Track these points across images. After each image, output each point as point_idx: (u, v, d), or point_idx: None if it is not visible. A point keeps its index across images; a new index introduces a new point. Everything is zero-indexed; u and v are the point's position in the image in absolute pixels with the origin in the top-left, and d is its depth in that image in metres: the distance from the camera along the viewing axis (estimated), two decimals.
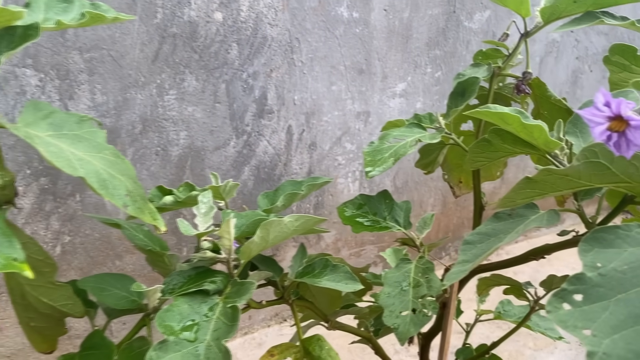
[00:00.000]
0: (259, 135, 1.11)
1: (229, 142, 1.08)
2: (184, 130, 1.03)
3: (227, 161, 1.09)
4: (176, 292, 0.46)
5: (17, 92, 0.88)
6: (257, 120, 1.10)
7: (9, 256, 0.36)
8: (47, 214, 0.95)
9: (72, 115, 0.45)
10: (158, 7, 0.94)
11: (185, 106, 1.01)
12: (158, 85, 0.98)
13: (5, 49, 0.41)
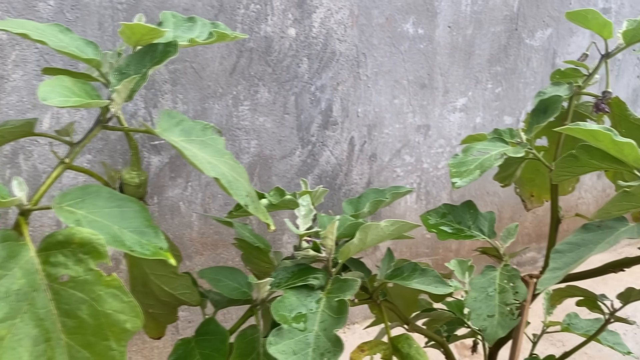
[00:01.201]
0: (322, 146, 1.16)
1: (294, 151, 1.14)
2: (254, 139, 1.09)
3: (292, 170, 1.15)
4: (282, 285, 0.52)
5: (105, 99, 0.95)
6: (321, 131, 1.15)
7: (156, 245, 0.42)
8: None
9: (197, 122, 0.51)
10: (237, 22, 1.01)
11: (257, 116, 1.08)
12: (234, 97, 1.04)
13: (149, 63, 0.47)
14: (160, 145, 1.02)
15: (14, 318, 0.37)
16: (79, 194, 0.42)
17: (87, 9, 0.90)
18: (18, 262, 0.38)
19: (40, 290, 0.38)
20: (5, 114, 0.89)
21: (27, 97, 0.89)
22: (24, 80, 0.88)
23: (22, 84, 0.89)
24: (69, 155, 0.45)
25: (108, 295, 0.38)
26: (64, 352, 0.38)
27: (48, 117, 0.92)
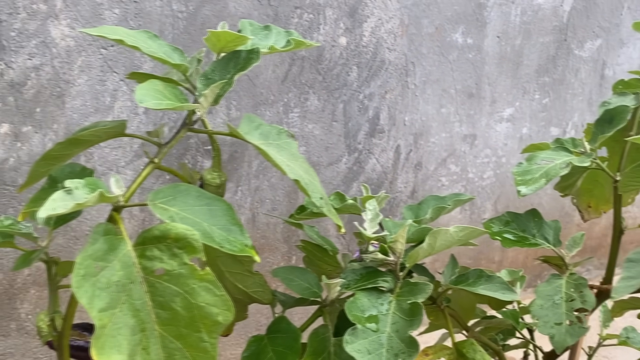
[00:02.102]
0: (369, 153, 1.18)
1: (341, 158, 1.16)
2: (303, 146, 1.11)
3: (339, 177, 1.17)
4: (352, 287, 0.53)
5: None
6: (368, 139, 1.17)
7: (243, 242, 0.44)
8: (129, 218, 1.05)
9: (273, 127, 0.54)
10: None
11: (306, 123, 1.10)
12: (285, 104, 1.07)
13: (233, 69, 0.50)
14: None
15: (114, 308, 0.39)
16: (170, 192, 0.44)
17: (149, 17, 0.94)
18: (117, 255, 0.41)
19: (136, 283, 0.41)
20: (69, 117, 0.93)
21: (90, 101, 0.94)
22: (88, 85, 0.93)
23: (86, 89, 0.93)
24: (157, 155, 0.48)
25: (201, 288, 0.40)
26: (158, 342, 0.40)
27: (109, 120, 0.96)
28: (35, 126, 0.91)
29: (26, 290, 1.00)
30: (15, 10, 0.85)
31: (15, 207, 0.94)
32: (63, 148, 0.46)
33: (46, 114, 0.91)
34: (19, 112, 0.90)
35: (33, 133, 0.91)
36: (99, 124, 0.50)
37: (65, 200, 0.36)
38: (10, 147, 0.90)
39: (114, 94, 0.95)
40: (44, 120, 0.91)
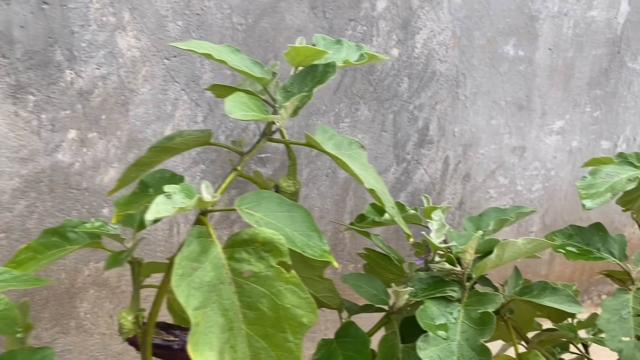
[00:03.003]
0: (417, 164, 1.19)
1: (389, 168, 1.17)
2: None
3: (386, 186, 1.19)
4: (419, 295, 0.55)
5: (222, 114, 1.03)
6: (417, 149, 1.18)
7: (322, 248, 0.46)
8: (232, 222, 1.09)
9: (344, 137, 0.56)
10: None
11: (356, 133, 1.12)
12: (336, 114, 1.10)
13: (311, 82, 0.52)
14: (266, 158, 1.08)
15: (205, 307, 0.42)
16: (254, 198, 0.47)
17: (211, 29, 0.98)
18: (208, 257, 0.43)
19: (225, 283, 0.43)
20: (132, 124, 0.97)
21: (153, 109, 0.98)
22: (150, 94, 0.97)
23: (149, 98, 0.97)
24: (239, 163, 0.51)
25: (287, 290, 0.43)
26: (244, 341, 0.43)
27: (169, 129, 1.01)
28: (100, 132, 0.96)
29: (86, 290, 1.04)
30: (87, 22, 0.91)
31: (79, 209, 0.99)
32: (154, 155, 0.50)
33: (111, 121, 0.96)
34: (85, 119, 0.95)
35: (98, 139, 0.96)
36: (183, 133, 0.53)
37: (167, 204, 0.39)
38: (76, 152, 0.95)
39: (175, 102, 0.99)
40: (108, 127, 0.96)
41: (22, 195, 0.94)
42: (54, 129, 0.93)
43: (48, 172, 0.94)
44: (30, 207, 0.95)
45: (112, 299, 1.06)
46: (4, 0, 0.86)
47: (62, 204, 0.97)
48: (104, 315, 1.06)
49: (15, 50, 0.88)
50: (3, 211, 0.94)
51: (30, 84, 0.90)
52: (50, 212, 0.96)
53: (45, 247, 0.54)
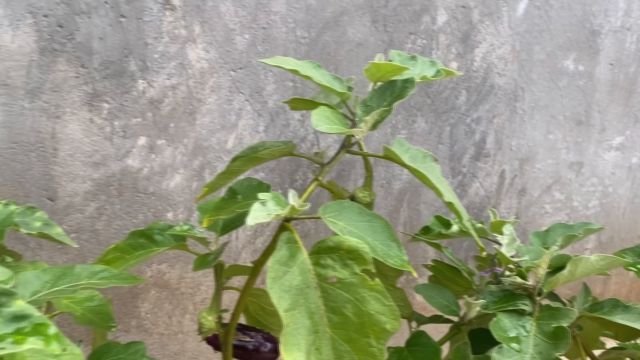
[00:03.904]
0: (473, 177, 1.20)
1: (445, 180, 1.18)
2: None
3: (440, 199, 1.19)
4: (490, 308, 0.56)
5: (283, 124, 1.06)
6: (473, 162, 1.19)
7: (401, 257, 0.48)
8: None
9: (419, 151, 0.58)
10: None
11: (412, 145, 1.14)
12: (393, 125, 1.12)
13: (389, 97, 0.55)
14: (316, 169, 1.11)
15: (294, 309, 0.45)
16: (336, 208, 0.50)
17: (275, 42, 1.02)
18: (296, 262, 0.46)
19: (311, 288, 0.46)
20: (198, 132, 1.02)
21: (218, 119, 1.02)
22: (217, 104, 1.01)
23: (215, 107, 1.01)
24: (320, 173, 0.53)
25: (371, 297, 0.45)
26: (329, 344, 0.45)
27: (232, 138, 1.05)
28: (168, 140, 1.01)
29: (147, 290, 1.09)
30: (160, 35, 0.96)
31: (145, 213, 1.04)
32: (242, 164, 0.53)
33: (178, 129, 1.01)
34: (155, 126, 1.00)
35: (166, 146, 1.01)
36: (266, 143, 0.56)
37: (262, 211, 0.42)
38: (145, 158, 1.00)
39: (239, 112, 1.03)
40: (176, 134, 1.01)
41: (93, 198, 0.99)
42: (125, 136, 0.98)
43: (118, 177, 1.00)
44: (99, 209, 1.00)
45: (171, 300, 1.10)
46: (85, 14, 0.92)
47: (130, 207, 1.02)
48: (163, 316, 1.11)
49: (94, 60, 0.94)
50: (75, 212, 1.00)
51: (105, 93, 0.95)
52: (118, 214, 1.02)
53: (132, 248, 0.58)
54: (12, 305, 0.33)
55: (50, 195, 0.98)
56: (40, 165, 0.96)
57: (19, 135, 0.94)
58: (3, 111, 0.91)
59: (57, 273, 0.46)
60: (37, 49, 0.91)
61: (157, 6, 0.94)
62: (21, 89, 0.91)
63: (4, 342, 0.32)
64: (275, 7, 1.00)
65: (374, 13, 1.05)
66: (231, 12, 0.98)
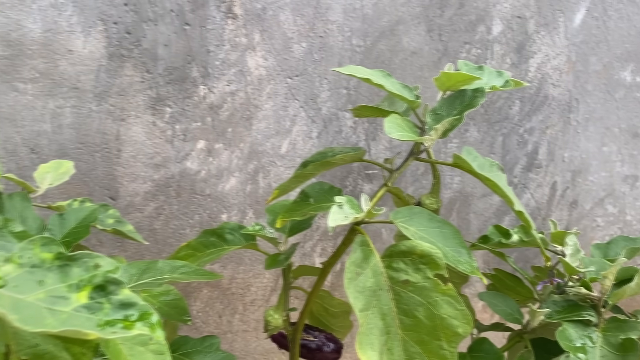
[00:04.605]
0: (524, 188, 1.19)
1: None
2: (458, 176, 1.15)
3: (491, 209, 1.19)
4: (554, 317, 0.56)
5: (335, 130, 1.08)
6: (525, 173, 1.18)
7: (471, 264, 0.49)
8: (337, 235, 1.14)
9: (486, 160, 0.59)
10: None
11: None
12: None
13: (459, 106, 0.56)
14: (373, 175, 1.13)
15: (367, 310, 0.46)
16: (407, 213, 0.51)
17: (331, 51, 1.04)
18: (369, 264, 0.48)
19: (384, 290, 0.47)
20: (254, 137, 1.05)
21: (273, 124, 1.05)
22: (272, 110, 1.04)
23: (271, 113, 1.04)
24: (389, 180, 0.55)
25: (443, 301, 0.46)
26: (400, 345, 0.47)
27: (286, 143, 1.07)
28: (225, 144, 1.04)
29: (200, 289, 1.13)
30: (222, 42, 0.99)
31: (201, 214, 1.07)
32: (314, 168, 0.55)
33: (235, 134, 1.04)
34: (214, 130, 1.03)
35: (223, 150, 1.04)
36: (334, 149, 0.58)
37: (340, 214, 0.44)
38: (203, 161, 1.04)
39: (294, 119, 1.06)
40: (233, 139, 1.04)
41: (152, 198, 1.03)
42: (185, 139, 1.02)
43: (177, 178, 1.03)
44: (158, 209, 1.04)
45: (222, 300, 1.13)
46: (152, 21, 0.96)
47: (187, 208, 1.06)
48: (214, 315, 1.14)
49: (158, 66, 0.98)
50: (134, 212, 1.04)
51: (168, 97, 0.99)
52: (175, 215, 1.05)
53: (204, 246, 0.61)
54: (120, 294, 0.36)
55: (112, 195, 1.03)
56: (104, 165, 1.00)
57: (85, 137, 0.98)
58: (72, 113, 0.96)
59: (142, 267, 0.49)
60: (106, 55, 0.95)
61: (220, 15, 0.98)
62: (90, 92, 0.96)
63: (114, 327, 0.34)
64: (332, 16, 1.02)
65: (429, 22, 1.06)
66: (290, 21, 1.01)
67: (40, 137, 0.96)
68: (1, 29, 0.90)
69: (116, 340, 0.44)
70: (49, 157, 0.97)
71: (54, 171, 0.65)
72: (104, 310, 0.35)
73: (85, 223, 0.54)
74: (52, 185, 0.66)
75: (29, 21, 0.91)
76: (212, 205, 1.07)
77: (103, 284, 0.35)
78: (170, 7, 0.95)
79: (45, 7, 0.91)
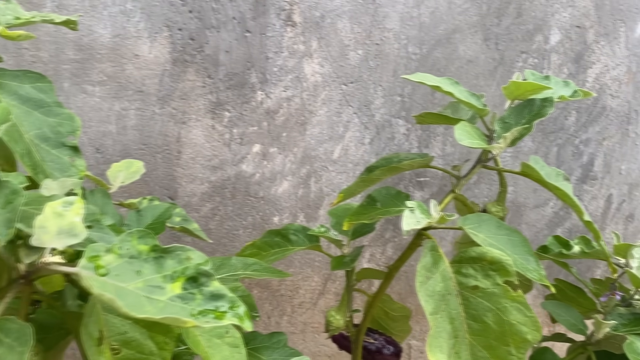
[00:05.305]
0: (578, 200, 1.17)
1: (548, 202, 1.17)
2: (511, 186, 1.14)
3: (543, 220, 1.18)
4: (620, 330, 0.56)
5: (388, 137, 1.10)
6: (579, 184, 1.17)
7: (539, 272, 0.49)
8: (386, 241, 1.14)
9: (552, 169, 0.59)
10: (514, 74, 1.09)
11: (517, 164, 1.13)
12: None
13: (528, 115, 0.56)
14: (425, 182, 1.13)
15: (437, 313, 0.47)
16: (475, 220, 0.52)
17: (387, 58, 1.05)
18: (438, 269, 0.49)
19: (452, 295, 0.48)
20: (307, 142, 1.07)
21: (326, 130, 1.07)
22: (326, 116, 1.06)
23: (325, 119, 1.06)
24: (456, 186, 0.56)
25: (513, 308, 0.46)
26: (467, 349, 0.47)
27: (339, 149, 1.09)
28: (279, 148, 1.06)
29: (250, 289, 1.15)
30: (280, 49, 1.02)
31: (254, 215, 1.10)
32: (382, 173, 0.56)
33: (290, 139, 1.06)
34: (269, 135, 1.06)
35: (277, 154, 1.07)
36: (400, 155, 0.59)
37: (413, 219, 0.45)
38: (258, 165, 1.07)
39: (347, 125, 1.07)
40: (287, 143, 1.06)
41: (208, 199, 1.07)
42: (242, 143, 1.05)
43: (232, 180, 1.06)
44: (214, 209, 1.07)
45: (271, 301, 1.15)
46: (215, 28, 0.99)
47: (240, 209, 1.08)
48: (262, 316, 1.16)
49: (219, 71, 1.01)
50: (191, 212, 1.08)
51: (227, 102, 1.03)
52: (229, 215, 1.08)
53: (268, 245, 0.63)
54: (211, 285, 0.38)
55: (171, 195, 1.06)
56: (164, 166, 1.04)
57: (148, 138, 1.02)
58: (136, 115, 1.00)
59: (217, 263, 0.51)
60: (170, 60, 0.99)
61: (280, 22, 1.01)
62: (154, 95, 1.00)
63: (207, 317, 0.36)
64: (389, 24, 1.03)
65: (486, 31, 1.06)
66: (347, 28, 1.03)
67: (106, 138, 1.00)
68: (74, 34, 0.95)
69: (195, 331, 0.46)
70: (112, 157, 1.02)
71: (126, 170, 0.69)
72: (197, 301, 0.37)
73: (161, 220, 0.57)
74: (124, 184, 0.69)
75: (99, 27, 0.96)
76: (265, 208, 1.10)
77: (195, 275, 0.38)
78: (232, 14, 0.99)
79: (115, 14, 0.95)
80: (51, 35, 0.94)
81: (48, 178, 0.50)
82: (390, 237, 1.15)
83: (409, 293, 1.15)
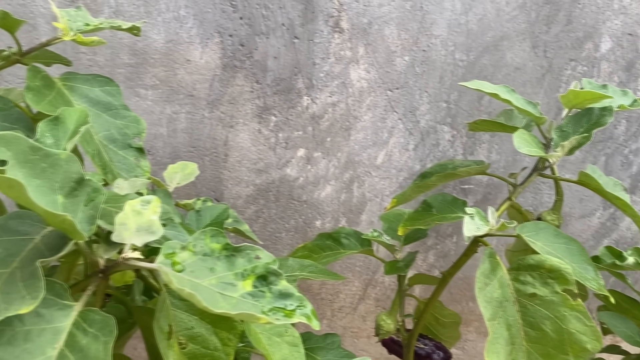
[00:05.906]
0: None
1: (595, 212, 1.15)
2: None
3: (589, 230, 1.16)
4: None
5: (432, 143, 1.10)
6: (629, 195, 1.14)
7: (598, 281, 0.49)
8: (428, 248, 1.15)
9: (609, 178, 0.59)
10: (562, 82, 1.08)
11: (563, 173, 1.12)
12: None
13: (586, 124, 0.56)
14: (469, 189, 1.13)
15: (494, 319, 0.48)
16: (533, 228, 0.52)
17: (433, 65, 1.06)
18: (496, 276, 0.49)
19: (510, 302, 0.49)
20: (351, 147, 1.08)
21: (370, 135, 1.08)
22: (371, 121, 1.07)
23: (369, 125, 1.07)
24: (513, 194, 0.56)
25: (572, 316, 0.46)
26: (524, 356, 0.47)
27: (382, 154, 1.10)
28: (323, 153, 1.08)
29: None
30: (327, 55, 1.04)
31: (296, 219, 1.12)
32: (438, 179, 0.57)
33: (334, 144, 1.08)
34: (313, 139, 1.07)
35: (321, 158, 1.08)
36: (455, 161, 0.60)
37: (474, 225, 0.46)
38: (302, 169, 1.08)
39: (391, 130, 1.08)
40: (331, 148, 1.08)
41: (253, 202, 1.09)
42: (287, 147, 1.07)
43: (277, 184, 1.08)
44: (258, 212, 1.10)
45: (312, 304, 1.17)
46: (264, 34, 1.02)
47: (284, 212, 1.10)
48: None
49: (267, 77, 1.03)
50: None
51: (274, 107, 1.05)
52: (273, 218, 1.10)
53: (320, 248, 0.64)
54: (279, 284, 0.39)
55: (217, 196, 1.09)
56: (212, 168, 1.07)
57: (197, 141, 1.05)
58: (186, 119, 1.03)
59: None
60: (220, 65, 1.02)
61: (328, 29, 1.02)
62: (204, 99, 1.03)
63: (277, 314, 0.38)
64: (436, 31, 1.04)
65: (534, 39, 1.06)
66: (394, 35, 1.04)
67: (157, 140, 1.03)
68: (129, 39, 0.99)
69: (257, 329, 0.48)
70: (163, 158, 1.05)
71: (182, 171, 0.71)
72: (266, 299, 0.38)
73: (219, 220, 0.59)
74: (179, 185, 0.72)
75: (153, 32, 0.99)
76: (308, 212, 1.11)
77: (264, 274, 0.39)
78: (281, 21, 1.01)
79: (169, 20, 0.99)
80: (107, 40, 0.98)
81: (116, 178, 0.52)
82: (432, 244, 1.15)
83: (450, 301, 1.15)
